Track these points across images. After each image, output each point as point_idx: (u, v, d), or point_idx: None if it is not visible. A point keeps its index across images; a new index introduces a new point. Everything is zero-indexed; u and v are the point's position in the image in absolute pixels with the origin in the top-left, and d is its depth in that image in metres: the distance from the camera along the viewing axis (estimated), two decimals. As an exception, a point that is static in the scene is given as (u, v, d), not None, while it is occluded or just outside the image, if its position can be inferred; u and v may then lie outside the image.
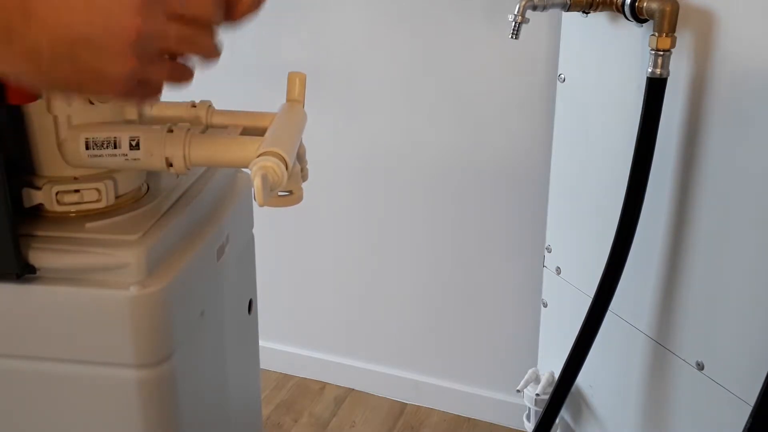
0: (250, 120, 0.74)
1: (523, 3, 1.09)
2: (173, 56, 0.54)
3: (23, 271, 0.64)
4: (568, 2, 1.13)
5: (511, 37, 1.10)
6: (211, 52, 0.56)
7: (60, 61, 0.48)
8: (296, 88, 0.74)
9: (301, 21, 1.67)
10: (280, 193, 0.65)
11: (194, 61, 0.56)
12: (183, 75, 0.55)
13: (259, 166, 0.60)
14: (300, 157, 0.71)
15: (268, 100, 0.81)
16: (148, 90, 0.54)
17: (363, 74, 1.64)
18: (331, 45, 1.65)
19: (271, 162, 0.60)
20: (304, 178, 0.71)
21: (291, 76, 0.75)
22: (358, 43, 1.62)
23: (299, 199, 0.67)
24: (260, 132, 0.69)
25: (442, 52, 1.56)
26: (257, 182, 0.58)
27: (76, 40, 0.48)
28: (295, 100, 0.74)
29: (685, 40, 1.06)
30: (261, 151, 0.61)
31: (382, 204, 1.74)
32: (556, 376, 1.34)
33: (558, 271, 1.45)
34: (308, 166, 0.77)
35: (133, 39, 0.48)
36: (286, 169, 0.61)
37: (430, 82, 1.60)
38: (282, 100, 0.76)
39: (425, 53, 1.58)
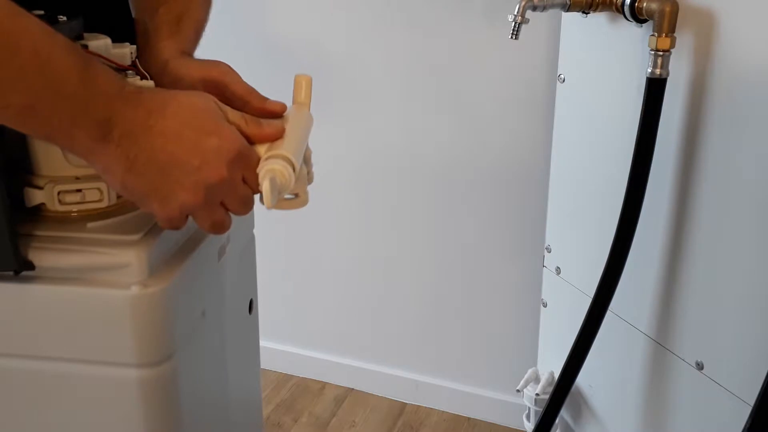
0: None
1: (523, 3, 1.09)
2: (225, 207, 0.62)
3: (22, 268, 0.64)
4: (568, 2, 1.13)
5: (511, 37, 1.11)
6: (245, 213, 0.65)
7: (145, 174, 0.57)
8: (302, 90, 0.74)
9: (301, 20, 1.68)
10: (286, 197, 0.65)
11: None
12: (224, 226, 0.63)
13: (267, 170, 0.60)
14: (306, 160, 0.71)
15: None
16: (220, 217, 0.63)
17: (363, 74, 1.64)
18: (330, 45, 1.65)
19: (279, 165, 0.60)
20: (310, 181, 0.71)
21: (297, 79, 0.74)
22: (358, 43, 1.62)
23: (305, 202, 0.67)
24: None
25: (442, 52, 1.56)
26: (266, 185, 0.59)
27: (171, 164, 0.57)
28: (301, 103, 0.73)
29: (684, 40, 1.06)
30: (268, 154, 0.62)
31: (381, 204, 1.74)
32: (556, 376, 1.34)
33: (558, 271, 1.45)
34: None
35: (213, 182, 0.58)
36: (294, 171, 0.61)
37: (430, 82, 1.60)
38: (283, 100, 0.76)
39: (425, 53, 1.58)
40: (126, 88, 0.57)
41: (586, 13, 1.17)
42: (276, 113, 0.70)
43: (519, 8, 1.09)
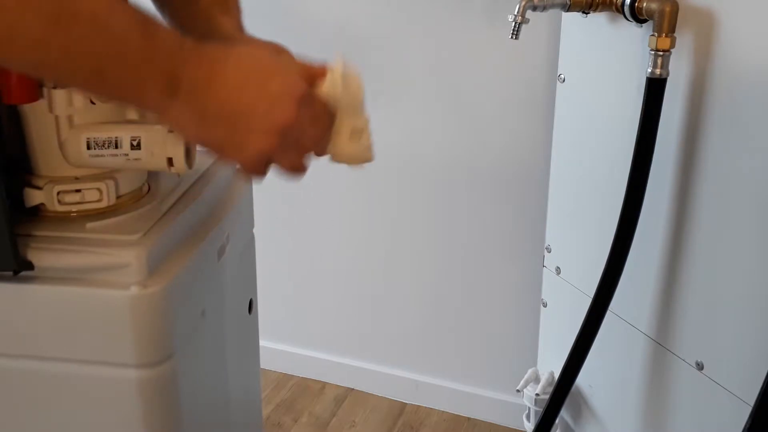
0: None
1: (523, 3, 1.09)
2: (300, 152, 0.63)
3: (21, 268, 0.64)
4: (568, 2, 1.13)
5: (511, 37, 1.10)
6: (322, 154, 0.66)
7: (216, 125, 0.58)
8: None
9: (300, 20, 1.67)
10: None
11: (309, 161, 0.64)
12: (300, 169, 0.64)
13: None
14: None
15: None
16: (269, 171, 0.63)
17: (362, 75, 1.64)
18: (330, 44, 1.65)
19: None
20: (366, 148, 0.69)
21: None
22: (357, 43, 1.62)
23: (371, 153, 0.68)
24: None
25: (442, 52, 1.56)
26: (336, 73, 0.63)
27: (239, 113, 0.57)
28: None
29: (684, 40, 1.06)
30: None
31: (382, 204, 1.74)
32: (556, 376, 1.34)
33: (558, 271, 1.45)
34: (310, 168, 0.76)
35: (285, 126, 0.58)
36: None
37: (430, 82, 1.60)
38: None
39: (425, 53, 1.58)
40: (187, 44, 0.57)
41: (586, 13, 1.17)
42: None
43: (519, 8, 1.09)
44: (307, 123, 0.60)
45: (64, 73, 0.54)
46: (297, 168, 0.63)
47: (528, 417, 1.53)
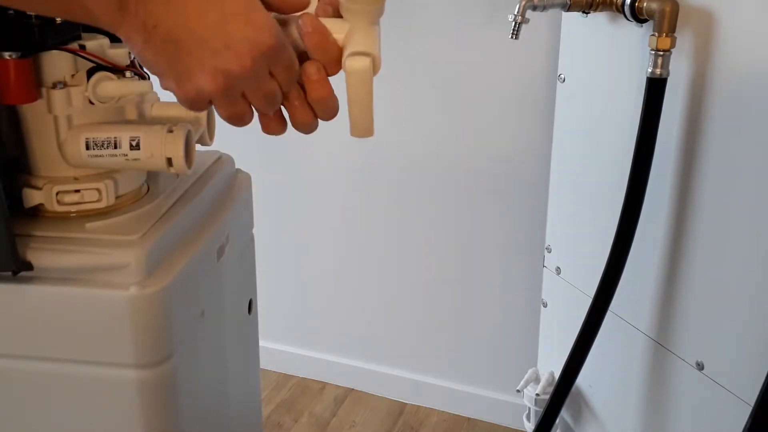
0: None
1: (523, 3, 1.09)
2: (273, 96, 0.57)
3: (20, 268, 0.64)
4: (568, 2, 1.13)
5: (511, 37, 1.10)
6: (268, 112, 0.59)
7: (162, 49, 0.52)
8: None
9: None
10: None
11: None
12: (242, 120, 0.57)
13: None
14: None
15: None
16: (207, 108, 0.57)
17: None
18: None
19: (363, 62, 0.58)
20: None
21: None
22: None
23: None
24: None
25: (442, 52, 1.56)
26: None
27: (188, 43, 0.52)
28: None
29: (685, 40, 1.06)
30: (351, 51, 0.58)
31: (381, 204, 1.74)
32: (556, 376, 1.34)
33: (558, 271, 1.45)
34: (309, 168, 0.76)
35: (234, 71, 0.53)
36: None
37: (430, 82, 1.60)
38: None
39: (425, 53, 1.58)
40: None
41: (587, 13, 1.17)
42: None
43: (519, 8, 1.09)
44: (262, 77, 0.55)
45: None
46: (237, 118, 0.57)
47: (528, 417, 1.53)
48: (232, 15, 0.52)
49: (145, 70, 0.77)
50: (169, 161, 0.68)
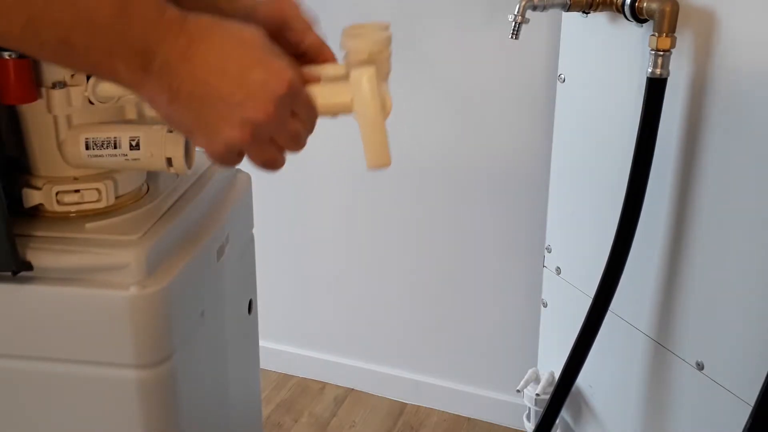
0: (334, 70, 0.71)
1: (523, 3, 1.09)
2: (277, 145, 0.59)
3: (20, 268, 0.64)
4: (568, 2, 1.13)
5: (511, 37, 1.10)
6: (298, 151, 0.61)
7: (188, 107, 0.54)
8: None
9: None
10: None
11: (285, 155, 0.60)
12: (274, 165, 0.59)
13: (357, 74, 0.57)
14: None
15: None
16: (239, 161, 0.59)
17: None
18: (330, 45, 1.65)
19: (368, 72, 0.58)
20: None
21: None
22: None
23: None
24: None
25: (442, 52, 1.56)
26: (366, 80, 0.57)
27: (213, 98, 0.54)
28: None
29: (685, 40, 1.06)
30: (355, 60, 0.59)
31: (381, 204, 1.74)
32: (556, 376, 1.34)
33: (558, 271, 1.44)
34: (309, 168, 0.76)
35: (259, 120, 0.54)
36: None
37: (429, 82, 1.60)
38: None
39: (425, 53, 1.58)
40: (167, 14, 0.53)
41: (587, 13, 1.17)
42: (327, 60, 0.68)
43: (519, 8, 1.09)
44: (286, 120, 0.57)
45: (29, 44, 0.52)
46: (270, 163, 0.59)
47: (528, 417, 1.53)
48: (251, 65, 0.54)
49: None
50: (169, 161, 0.68)
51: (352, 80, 0.58)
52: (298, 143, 0.60)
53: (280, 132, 0.57)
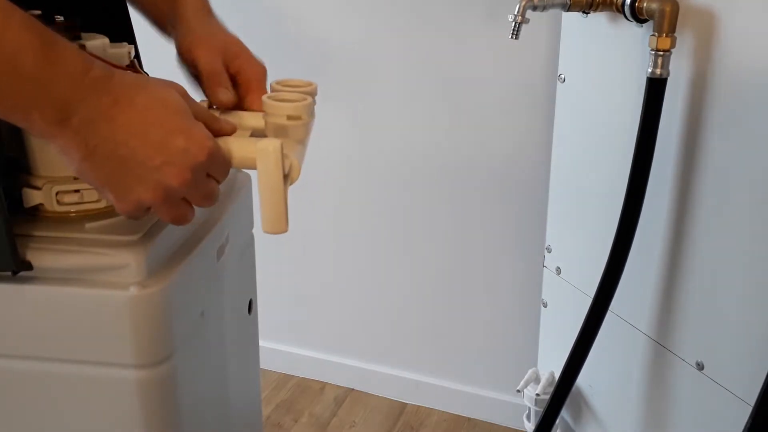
0: (255, 120, 0.73)
1: (523, 3, 1.09)
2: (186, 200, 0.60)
3: (19, 268, 0.64)
4: (568, 2, 1.13)
5: (511, 37, 1.10)
6: (210, 206, 0.62)
7: (104, 165, 0.55)
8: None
9: (300, 20, 1.67)
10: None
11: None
12: (185, 219, 0.61)
13: (260, 148, 0.58)
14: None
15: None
16: (146, 215, 0.61)
17: (362, 74, 1.64)
18: (329, 45, 1.65)
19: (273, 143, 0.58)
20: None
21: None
22: (357, 43, 1.62)
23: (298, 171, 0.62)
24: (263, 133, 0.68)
25: (442, 52, 1.56)
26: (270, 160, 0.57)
27: (131, 161, 0.54)
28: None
29: (685, 40, 1.06)
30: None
31: (381, 204, 1.74)
32: (556, 376, 1.34)
33: (558, 271, 1.44)
34: (309, 168, 0.76)
35: (174, 184, 0.56)
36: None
37: (429, 82, 1.60)
38: None
39: (425, 53, 1.58)
40: (93, 72, 0.53)
41: (587, 13, 1.17)
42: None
43: (519, 8, 1.09)
44: (201, 182, 0.58)
45: None
46: (180, 219, 0.60)
47: (528, 417, 1.53)
48: (173, 131, 0.55)
49: (144, 70, 0.78)
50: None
51: (258, 149, 0.58)
52: (210, 200, 0.61)
53: (194, 193, 0.59)
